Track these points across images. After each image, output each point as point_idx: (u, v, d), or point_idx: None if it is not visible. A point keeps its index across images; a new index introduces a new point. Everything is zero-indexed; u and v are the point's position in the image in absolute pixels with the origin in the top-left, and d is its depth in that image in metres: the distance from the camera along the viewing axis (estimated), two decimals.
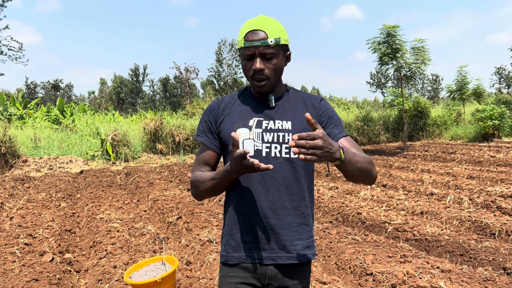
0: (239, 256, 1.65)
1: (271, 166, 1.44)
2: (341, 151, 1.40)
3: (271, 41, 1.56)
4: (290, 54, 1.69)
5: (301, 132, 1.63)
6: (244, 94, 1.77)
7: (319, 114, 1.71)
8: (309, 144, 1.28)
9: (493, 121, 17.14)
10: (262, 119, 1.66)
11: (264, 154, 1.63)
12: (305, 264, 1.70)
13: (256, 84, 1.63)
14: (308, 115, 1.32)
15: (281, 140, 1.64)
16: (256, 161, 1.44)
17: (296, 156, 1.60)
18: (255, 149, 1.62)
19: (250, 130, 1.64)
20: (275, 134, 1.64)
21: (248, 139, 1.63)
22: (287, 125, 1.66)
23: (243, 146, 1.61)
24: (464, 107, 22.67)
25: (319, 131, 1.31)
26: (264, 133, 1.64)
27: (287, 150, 1.64)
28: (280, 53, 1.62)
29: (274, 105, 1.68)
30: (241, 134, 1.62)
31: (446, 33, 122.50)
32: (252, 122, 1.66)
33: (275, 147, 1.64)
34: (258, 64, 1.58)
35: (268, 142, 1.64)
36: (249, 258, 1.64)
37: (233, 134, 1.45)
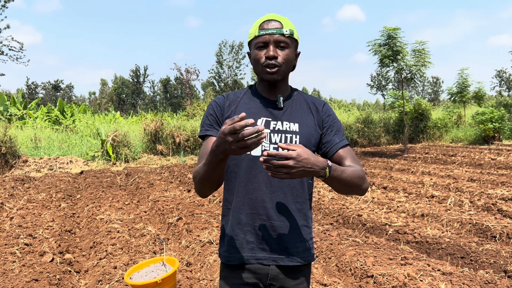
0: (241, 256, 1.63)
1: (263, 130, 1.22)
2: (328, 170, 1.41)
3: (286, 31, 1.57)
4: (299, 53, 1.70)
5: (307, 135, 1.66)
6: (250, 92, 1.74)
7: (322, 119, 1.71)
8: (277, 163, 1.30)
9: (493, 123, 17.12)
10: (270, 119, 1.66)
11: None
12: (306, 265, 1.71)
13: (268, 71, 1.59)
14: (280, 144, 1.33)
15: (288, 142, 1.63)
16: (250, 120, 1.21)
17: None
18: (263, 149, 1.61)
19: None
20: (283, 135, 1.64)
21: None
22: (294, 127, 1.66)
23: None
24: (464, 109, 22.66)
25: (293, 153, 1.31)
26: (272, 134, 1.63)
27: None
28: (293, 45, 1.62)
29: (282, 106, 1.67)
30: None
31: (448, 34, 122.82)
32: (261, 122, 1.65)
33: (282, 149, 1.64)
34: (271, 51, 1.56)
35: (275, 143, 1.63)
36: (251, 258, 1.62)
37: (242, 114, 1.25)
